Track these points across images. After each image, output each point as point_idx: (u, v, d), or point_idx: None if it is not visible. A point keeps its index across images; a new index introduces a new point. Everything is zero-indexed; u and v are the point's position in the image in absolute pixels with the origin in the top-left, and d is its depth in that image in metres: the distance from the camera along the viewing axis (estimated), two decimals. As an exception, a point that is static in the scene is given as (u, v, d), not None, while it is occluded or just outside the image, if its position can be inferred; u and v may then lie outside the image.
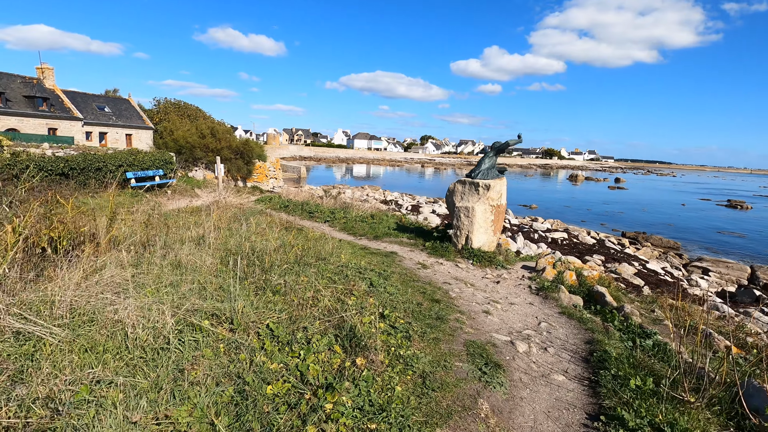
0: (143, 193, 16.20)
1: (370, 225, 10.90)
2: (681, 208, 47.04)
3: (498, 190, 8.25)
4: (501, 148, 8.37)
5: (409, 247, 8.99)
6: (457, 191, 8.53)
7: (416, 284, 5.78)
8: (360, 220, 11.36)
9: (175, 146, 21.69)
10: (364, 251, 7.96)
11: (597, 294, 6.75)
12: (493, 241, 8.58)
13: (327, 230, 11.00)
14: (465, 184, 8.41)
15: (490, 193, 8.14)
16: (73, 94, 45.57)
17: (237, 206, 12.48)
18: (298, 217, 12.83)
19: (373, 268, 6.21)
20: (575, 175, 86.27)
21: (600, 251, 17.72)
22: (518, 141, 8.31)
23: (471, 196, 8.31)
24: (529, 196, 50.52)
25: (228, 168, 23.00)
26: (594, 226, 30.77)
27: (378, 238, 9.71)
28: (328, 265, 5.73)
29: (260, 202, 15.71)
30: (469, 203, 8.22)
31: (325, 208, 13.05)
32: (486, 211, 8.22)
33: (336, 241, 8.59)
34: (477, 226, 8.18)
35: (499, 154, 8.57)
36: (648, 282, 12.95)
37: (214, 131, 23.08)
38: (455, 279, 6.72)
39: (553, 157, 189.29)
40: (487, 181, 8.14)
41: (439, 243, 8.77)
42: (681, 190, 77.68)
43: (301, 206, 13.57)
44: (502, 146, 8.29)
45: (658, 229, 32.43)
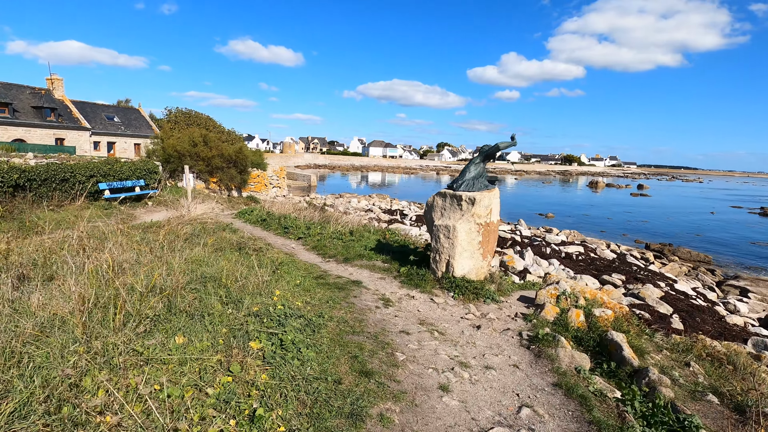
0: (117, 205, 15.07)
1: (345, 243, 9.38)
2: (710, 216, 44.11)
3: (486, 204, 6.62)
4: (490, 153, 6.76)
5: (380, 273, 7.42)
6: (436, 206, 6.95)
7: (355, 339, 4.19)
8: (336, 238, 9.85)
9: (164, 155, 20.64)
10: (318, 281, 6.42)
11: (611, 345, 5.05)
12: (482, 267, 6.94)
13: (296, 249, 9.52)
14: (445, 197, 6.82)
15: (475, 209, 6.52)
16: (83, 105, 45.64)
17: (202, 221, 11.13)
18: (272, 233, 11.40)
19: (308, 311, 4.69)
20: (595, 182, 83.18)
21: (620, 268, 15.76)
22: (511, 143, 6.71)
23: (452, 212, 6.71)
24: (545, 204, 48.29)
25: (220, 177, 21.85)
26: (614, 238, 28.59)
27: (348, 261, 8.17)
28: (238, 311, 4.22)
29: (240, 215, 14.37)
30: (450, 221, 6.61)
31: (302, 222, 11.59)
32: (471, 231, 6.60)
33: (289, 266, 7.10)
34: (460, 250, 6.56)
35: (488, 160, 6.95)
36: (677, 308, 11.03)
37: (206, 139, 21.99)
38: (421, 323, 5.13)
39: (572, 163, 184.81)
40: (472, 194, 6.54)
41: (416, 269, 7.18)
42: (709, 196, 73.83)
43: (279, 220, 12.16)
44: (491, 150, 6.69)
45: (686, 240, 30.01)
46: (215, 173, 21.69)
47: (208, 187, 21.46)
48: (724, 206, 55.78)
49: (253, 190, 26.05)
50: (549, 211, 40.02)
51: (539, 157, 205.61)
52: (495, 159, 7.02)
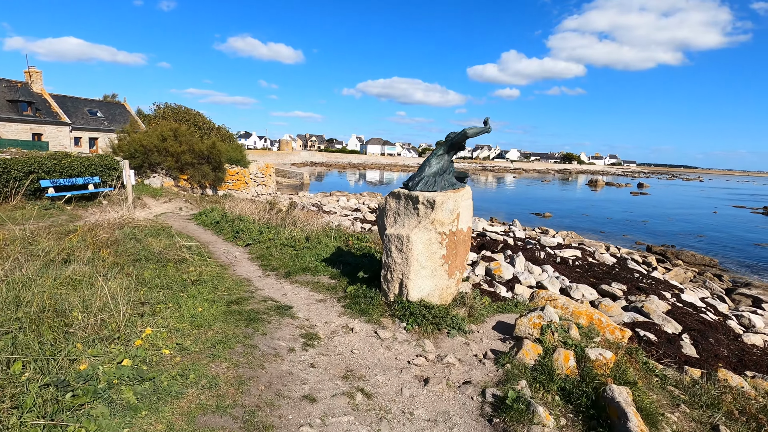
0: (62, 204, 13.55)
1: (297, 252, 7.89)
2: (712, 216, 42.65)
3: (450, 208, 5.12)
4: (456, 142, 5.25)
5: (323, 293, 5.93)
6: (388, 210, 5.45)
7: (212, 423, 2.69)
8: (288, 245, 8.36)
9: (128, 150, 19.12)
10: (229, 309, 4.90)
11: (612, 407, 3.57)
12: (448, 287, 5.45)
13: (238, 259, 8.03)
14: (399, 198, 5.32)
15: (436, 214, 5.03)
16: (63, 99, 44.00)
17: (139, 223, 9.62)
18: (222, 238, 9.91)
19: (172, 366, 3.22)
20: (595, 181, 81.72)
21: (621, 275, 14.28)
22: (483, 130, 5.20)
23: (407, 218, 5.21)
24: (543, 203, 46.81)
25: (191, 174, 20.32)
26: (614, 239, 27.15)
27: (290, 276, 6.68)
28: (44, 373, 2.75)
29: (197, 217, 12.87)
30: (403, 230, 5.11)
31: (255, 226, 10.10)
32: (431, 243, 5.11)
33: (206, 286, 5.61)
34: (416, 267, 5.07)
35: (454, 151, 5.44)
36: (686, 326, 9.55)
37: (177, 133, 20.46)
38: (345, 377, 3.65)
39: (572, 161, 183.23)
40: (433, 195, 5.04)
41: (366, 289, 5.70)
42: (710, 195, 72.37)
43: (232, 223, 10.67)
44: (458, 138, 5.18)
45: (688, 241, 28.58)
46: (186, 170, 20.17)
47: (178, 184, 19.95)
48: (725, 205, 54.35)
49: (231, 188, 24.52)
50: (547, 210, 38.54)
51: (539, 155, 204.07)
52: (463, 149, 5.52)
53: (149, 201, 18.54)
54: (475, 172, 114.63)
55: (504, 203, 45.84)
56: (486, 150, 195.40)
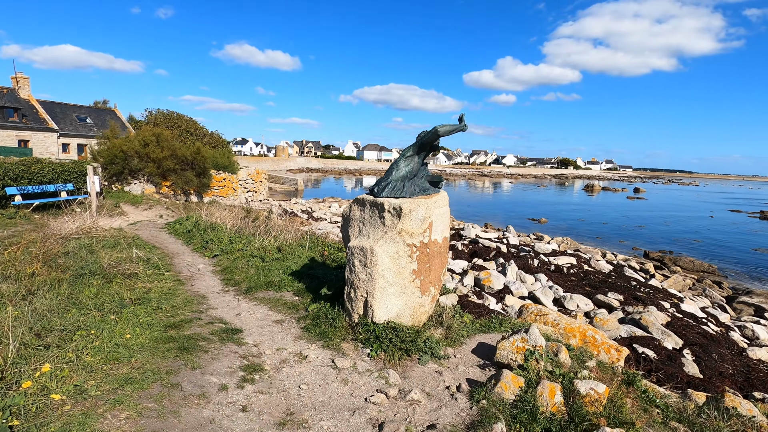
0: (29, 213, 12.86)
1: (266, 264, 7.24)
2: (709, 220, 42.21)
3: (421, 216, 4.50)
4: (427, 141, 4.63)
5: (282, 312, 5.28)
6: (352, 219, 4.82)
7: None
8: (258, 256, 7.71)
9: (108, 155, 18.45)
10: (165, 334, 4.24)
11: (605, 459, 2.95)
12: (420, 306, 4.81)
13: (200, 272, 7.37)
14: (364, 206, 4.70)
15: (404, 223, 4.40)
16: (51, 105, 43.31)
17: (100, 233, 8.94)
18: (190, 248, 9.25)
19: (56, 418, 2.58)
20: (591, 186, 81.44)
21: (618, 284, 13.66)
22: (457, 127, 4.58)
23: (372, 227, 4.58)
24: (539, 208, 46.31)
25: (174, 181, 19.64)
26: (611, 245, 26.60)
27: (250, 292, 6.02)
28: None
29: (171, 225, 12.21)
30: (367, 242, 4.48)
31: (226, 235, 9.44)
32: (399, 256, 4.48)
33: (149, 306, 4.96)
34: (382, 284, 4.43)
35: (425, 153, 4.82)
36: (687, 340, 8.92)
37: (160, 138, 19.82)
38: (283, 423, 3.01)
39: (568, 167, 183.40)
40: (399, 202, 4.42)
41: (329, 308, 5.06)
42: (706, 200, 72.13)
43: (204, 232, 10.01)
44: (429, 137, 4.56)
45: (686, 246, 28.06)
46: (168, 176, 19.50)
47: (160, 191, 19.28)
48: (722, 210, 54.02)
49: (218, 195, 23.85)
50: (543, 215, 37.98)
51: (535, 160, 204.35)
52: (437, 150, 4.91)
53: (128, 209, 17.87)
54: (472, 177, 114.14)
55: (500, 208, 45.31)
56: (482, 156, 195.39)
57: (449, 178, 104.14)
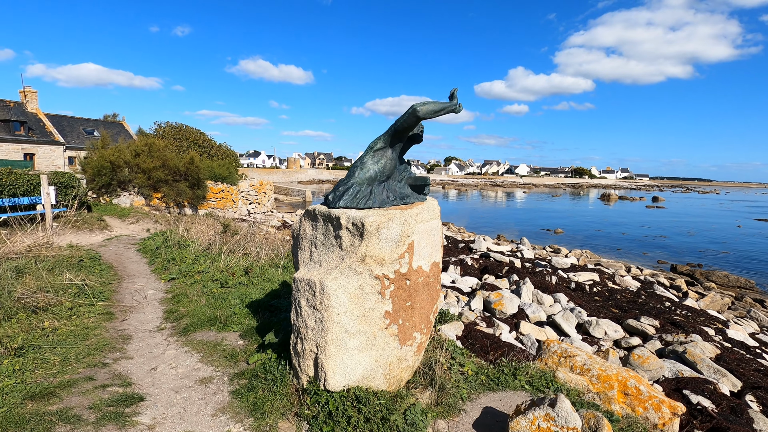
0: (-5, 228, 11.81)
1: (224, 291, 5.91)
2: (736, 230, 39.88)
3: (396, 234, 3.10)
4: (403, 127, 3.20)
5: (215, 365, 3.93)
6: (302, 239, 3.45)
7: None
8: (219, 280, 6.38)
9: (96, 167, 17.50)
10: (4, 415, 2.93)
11: None
12: (401, 361, 3.40)
13: (146, 300, 6.07)
14: (316, 220, 3.33)
15: (370, 246, 3.01)
16: (59, 119, 43.22)
17: (49, 252, 7.72)
18: (150, 268, 7.97)
19: None
20: (608, 195, 78.93)
21: (649, 305, 11.98)
22: (445, 106, 3.15)
23: (326, 252, 3.20)
24: (554, 218, 44.42)
25: (165, 192, 18.59)
26: (633, 258, 24.77)
27: (188, 332, 4.68)
28: None
29: (147, 241, 11.00)
30: (317, 273, 3.10)
31: (191, 255, 8.15)
32: (364, 294, 3.08)
33: (31, 360, 3.65)
34: (338, 334, 3.04)
35: (401, 143, 3.40)
36: (746, 379, 7.26)
37: (152, 148, 18.85)
38: None
39: (583, 176, 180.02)
40: (362, 215, 3.04)
41: (275, 361, 3.68)
42: (729, 209, 69.12)
43: (170, 250, 8.75)
44: (405, 121, 3.15)
45: (714, 259, 26.05)
46: (159, 188, 18.46)
47: (150, 204, 18.22)
48: (749, 219, 51.36)
49: (215, 207, 22.77)
50: (558, 226, 36.17)
51: (549, 170, 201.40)
52: (418, 140, 3.53)
53: (114, 222, 16.82)
54: (485, 187, 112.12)
55: (513, 219, 43.56)
56: (495, 166, 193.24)
57: (461, 189, 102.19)
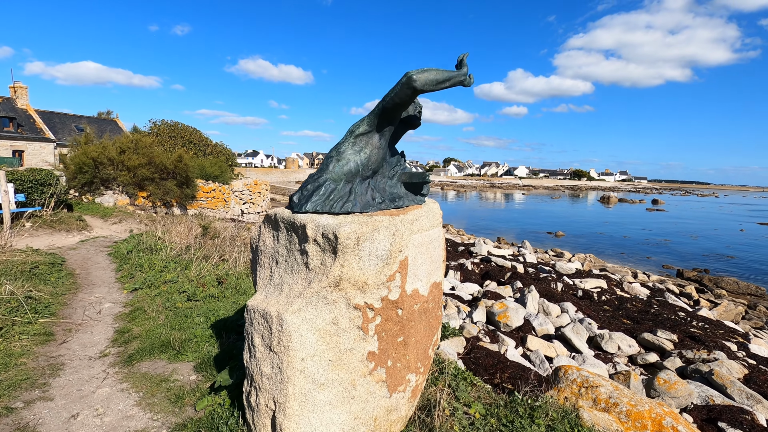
0: (-41, 228, 10.94)
1: (190, 305, 5.09)
2: (739, 234, 39.16)
3: (383, 249, 2.29)
4: (395, 105, 2.37)
5: (154, 409, 3.09)
6: (262, 252, 2.64)
7: None
8: (184, 292, 5.55)
9: (78, 163, 16.64)
10: None
11: None
12: (390, 412, 2.59)
13: (101, 315, 5.24)
14: (278, 228, 2.52)
15: (346, 265, 2.20)
16: (50, 115, 42.25)
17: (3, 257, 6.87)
18: (117, 276, 7.13)
19: None
20: (607, 197, 78.23)
21: (663, 315, 11.18)
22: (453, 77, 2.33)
23: (290, 271, 2.39)
24: (555, 221, 43.65)
25: (151, 191, 17.73)
26: (638, 262, 24.00)
27: (133, 361, 3.85)
28: None
29: (121, 244, 10.15)
30: (275, 301, 2.29)
31: (162, 261, 7.31)
32: (339, 332, 2.26)
33: None
34: (303, 386, 2.23)
35: (391, 128, 2.56)
36: (781, 405, 6.47)
37: (138, 145, 18.00)
38: None
39: (581, 178, 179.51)
40: (336, 223, 2.23)
41: (228, 408, 2.87)
42: (730, 212, 68.50)
43: (139, 256, 7.91)
44: (396, 96, 2.31)
45: (720, 263, 25.29)
46: (145, 186, 17.60)
47: (135, 203, 17.36)
48: (751, 222, 50.70)
49: (205, 207, 21.91)
50: (559, 228, 35.38)
51: (547, 172, 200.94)
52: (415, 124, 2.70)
53: (95, 222, 15.96)
54: (484, 189, 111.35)
55: (513, 221, 42.78)
56: (494, 167, 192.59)
57: (460, 190, 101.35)
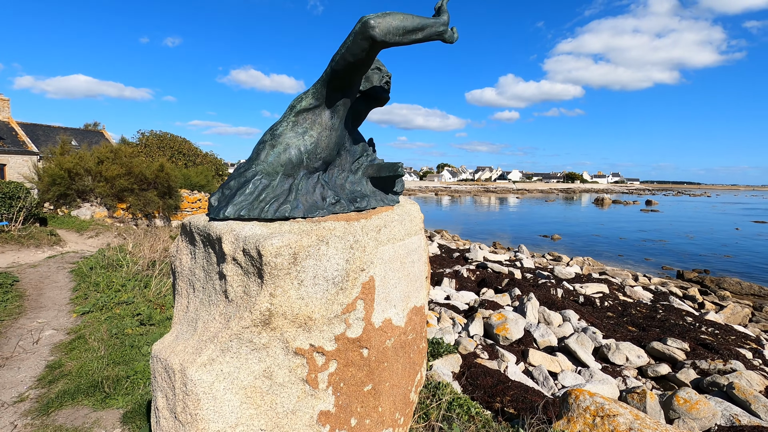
0: None
1: (140, 332, 4.38)
2: (735, 233, 38.84)
3: (335, 270, 1.62)
4: (348, 67, 1.68)
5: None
6: (179, 274, 1.99)
7: None
8: (139, 315, 4.85)
9: (51, 175, 15.87)
10: None
11: None
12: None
13: (38, 345, 4.52)
14: (194, 242, 1.86)
15: (280, 296, 1.53)
16: (33, 127, 41.31)
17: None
18: (71, 296, 6.40)
19: None
20: (601, 199, 78.08)
21: (669, 321, 10.56)
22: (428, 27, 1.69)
23: (206, 301, 1.73)
24: (550, 224, 43.19)
25: (131, 203, 16.96)
26: (637, 264, 23.44)
27: (50, 409, 3.13)
28: None
29: (88, 260, 9.36)
30: (182, 349, 1.62)
31: (121, 278, 6.60)
32: (270, 388, 1.59)
33: None
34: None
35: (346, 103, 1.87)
36: (811, 421, 5.85)
37: (117, 154, 17.25)
38: None
39: (575, 181, 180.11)
40: (263, 233, 1.57)
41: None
42: (723, 211, 68.51)
43: (102, 271, 7.17)
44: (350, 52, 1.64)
45: (719, 263, 24.78)
46: (124, 197, 16.83)
47: (113, 215, 16.58)
48: (745, 221, 50.54)
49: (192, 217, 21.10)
50: (554, 232, 34.85)
51: (541, 175, 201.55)
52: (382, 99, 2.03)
53: (70, 237, 15.15)
54: (478, 193, 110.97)
55: (508, 225, 42.25)
56: (488, 172, 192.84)
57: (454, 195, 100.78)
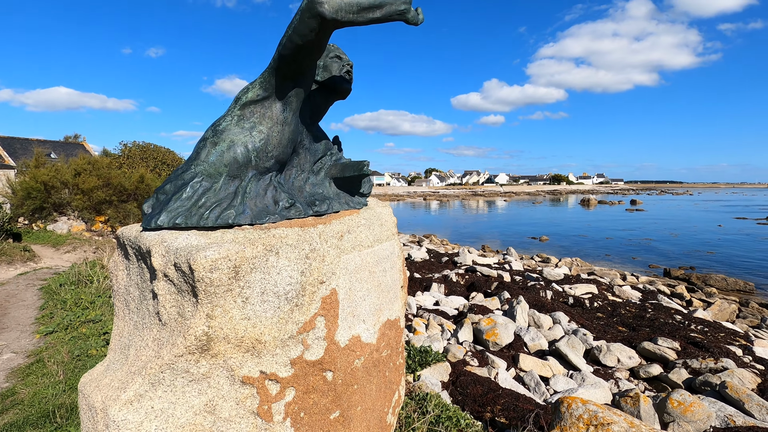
0: None
1: (105, 353, 4.11)
2: (718, 230, 39.41)
3: (287, 285, 1.40)
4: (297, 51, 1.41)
5: None
6: (116, 292, 1.76)
7: None
8: (107, 333, 4.56)
9: (26, 188, 15.36)
10: None
11: None
12: None
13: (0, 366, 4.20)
14: (128, 256, 1.64)
15: (219, 317, 1.30)
16: (11, 141, 40.35)
17: None
18: (36, 315, 6.05)
19: None
20: (587, 200, 78.92)
21: (659, 320, 10.49)
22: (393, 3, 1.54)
23: (140, 325, 1.50)
24: (538, 225, 43.39)
25: (110, 215, 16.50)
26: (624, 263, 23.53)
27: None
28: None
29: (63, 274, 8.97)
30: (107, 382, 1.39)
31: (90, 295, 6.27)
32: (213, 425, 1.37)
33: None
34: None
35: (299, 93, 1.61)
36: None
37: (95, 166, 16.79)
38: None
39: (561, 182, 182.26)
40: (198, 244, 1.35)
41: None
42: (705, 209, 69.76)
43: (72, 290, 6.82)
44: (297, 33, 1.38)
45: (704, 260, 25.01)
46: (103, 210, 16.36)
47: (91, 228, 16.09)
48: (727, 218, 51.42)
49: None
50: (542, 233, 34.95)
51: (527, 178, 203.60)
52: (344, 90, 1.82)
53: (45, 252, 14.63)
54: (466, 197, 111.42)
55: (496, 228, 42.35)
56: (475, 175, 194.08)
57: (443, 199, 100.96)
